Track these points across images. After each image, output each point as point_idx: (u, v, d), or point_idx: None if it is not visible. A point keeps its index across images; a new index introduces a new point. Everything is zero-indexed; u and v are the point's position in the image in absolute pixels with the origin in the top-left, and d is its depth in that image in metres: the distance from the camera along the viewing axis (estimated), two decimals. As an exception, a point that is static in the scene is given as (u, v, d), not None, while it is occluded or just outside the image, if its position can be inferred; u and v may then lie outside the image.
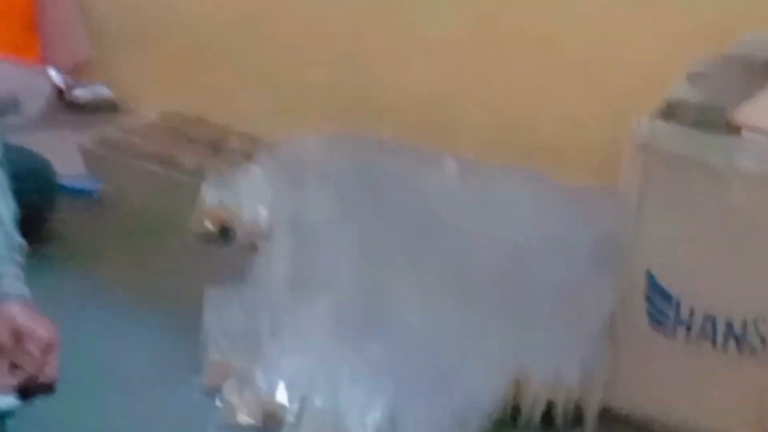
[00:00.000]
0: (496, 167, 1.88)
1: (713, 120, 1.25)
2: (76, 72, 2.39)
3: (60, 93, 2.34)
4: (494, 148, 2.00)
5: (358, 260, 1.56)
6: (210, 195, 1.82)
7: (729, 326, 1.23)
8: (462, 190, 1.84)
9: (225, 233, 1.80)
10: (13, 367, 1.16)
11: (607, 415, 1.32)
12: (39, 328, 1.19)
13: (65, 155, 2.05)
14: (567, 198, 1.73)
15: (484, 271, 1.55)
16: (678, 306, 1.24)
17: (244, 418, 1.31)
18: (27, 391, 1.16)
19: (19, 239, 1.27)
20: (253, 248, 1.77)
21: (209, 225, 1.80)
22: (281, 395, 1.31)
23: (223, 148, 2.22)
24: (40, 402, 1.18)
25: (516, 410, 1.32)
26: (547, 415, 1.32)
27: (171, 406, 1.36)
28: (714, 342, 1.22)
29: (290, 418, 1.28)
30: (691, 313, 1.23)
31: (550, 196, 1.74)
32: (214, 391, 1.37)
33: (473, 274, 1.55)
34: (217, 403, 1.34)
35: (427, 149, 1.98)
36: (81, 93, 2.42)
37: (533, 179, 1.81)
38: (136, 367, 1.44)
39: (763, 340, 1.22)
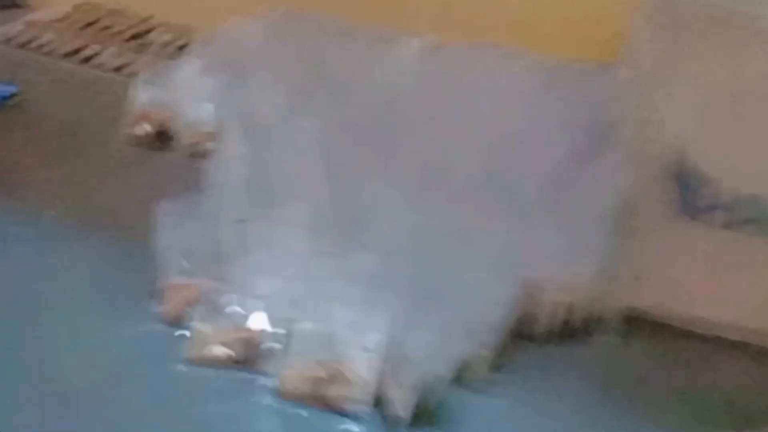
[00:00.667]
0: (464, 46, 1.69)
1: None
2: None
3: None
4: (458, 26, 1.81)
5: (322, 160, 1.36)
6: (142, 94, 1.58)
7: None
8: (427, 75, 1.64)
9: (163, 137, 1.56)
10: None
11: (632, 317, 1.17)
12: None
13: (-34, 57, 1.78)
14: (552, 76, 1.55)
15: (468, 164, 1.36)
16: (715, 187, 1.08)
17: (218, 349, 1.11)
18: None
19: None
20: (196, 153, 1.55)
21: (144, 128, 1.56)
22: (261, 320, 1.12)
23: (148, 41, 1.97)
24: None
25: (531, 319, 1.15)
26: (566, 323, 1.17)
27: (123, 340, 1.15)
28: (759, 226, 1.06)
29: (275, 345, 1.10)
30: (733, 195, 1.07)
31: (532, 75, 1.56)
32: (175, 321, 1.17)
33: (455, 169, 1.36)
34: (183, 333, 1.15)
35: (382, 29, 1.77)
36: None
37: (509, 56, 1.62)
38: (76, 298, 1.22)
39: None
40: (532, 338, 1.16)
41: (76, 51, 1.92)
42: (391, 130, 1.48)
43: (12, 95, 1.73)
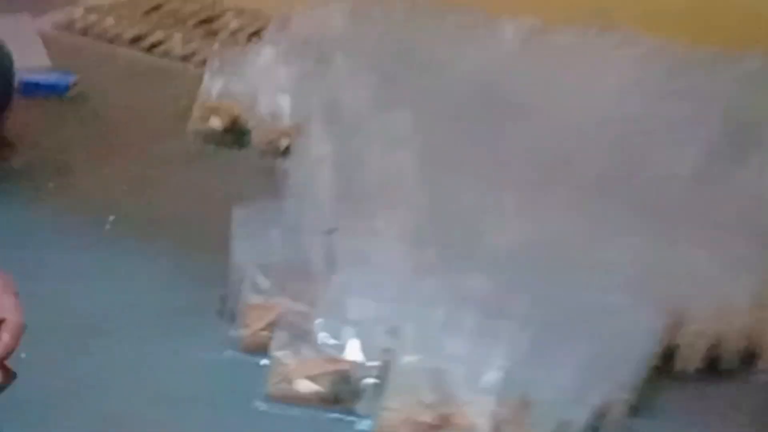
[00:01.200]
0: (570, 29, 1.50)
1: None
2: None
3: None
4: (560, 7, 1.62)
5: (418, 159, 1.19)
6: (214, 85, 1.42)
7: None
8: (531, 61, 1.46)
9: (237, 132, 1.41)
10: None
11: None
12: None
13: (24, 44, 1.64)
14: (675, 64, 1.35)
15: (587, 163, 1.18)
16: None
17: (304, 384, 0.95)
18: None
19: None
20: (273, 151, 1.39)
21: (216, 122, 1.40)
22: (354, 350, 0.95)
23: (217, 27, 1.82)
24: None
25: (674, 353, 0.97)
26: (716, 357, 0.98)
27: (192, 369, 1.00)
28: None
29: (370, 381, 0.93)
30: None
31: (652, 63, 1.37)
32: (253, 348, 1.01)
33: (572, 168, 1.18)
34: (262, 363, 0.99)
35: (474, 11, 1.59)
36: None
37: (624, 41, 1.43)
38: (140, 318, 1.06)
39: None
40: (676, 375, 0.97)
41: (140, 38, 1.77)
42: (493, 122, 1.30)
43: (71, 85, 1.60)
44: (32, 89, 1.56)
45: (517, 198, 1.10)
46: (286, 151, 1.32)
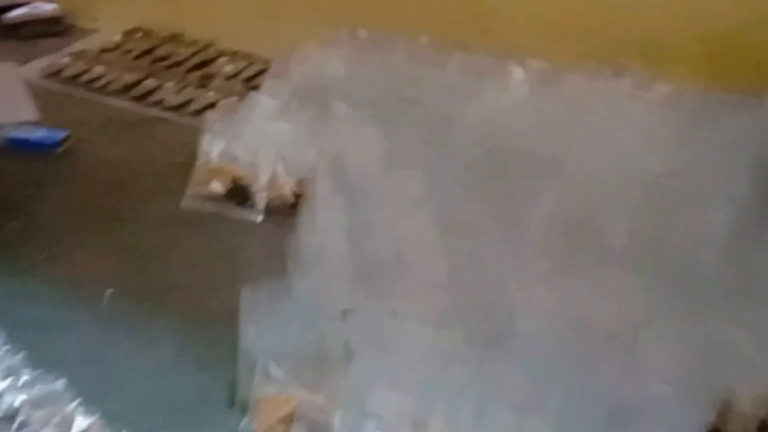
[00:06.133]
0: (581, 73, 1.44)
1: None
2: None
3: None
4: (569, 47, 1.56)
5: (435, 224, 1.12)
6: (214, 147, 1.35)
7: None
8: (542, 109, 1.39)
9: (239, 194, 1.33)
10: None
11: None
12: None
13: (10, 96, 1.56)
14: (696, 110, 1.29)
15: (612, 226, 1.12)
16: None
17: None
18: None
19: None
20: (279, 215, 1.32)
21: (217, 186, 1.33)
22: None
23: (211, 72, 1.75)
24: None
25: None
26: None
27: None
28: None
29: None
30: None
31: (671, 109, 1.30)
32: (267, 441, 0.95)
33: (596, 232, 1.11)
34: (277, 460, 0.93)
35: (477, 55, 1.53)
36: (18, 12, 1.92)
37: (639, 85, 1.37)
38: (143, 409, 0.99)
39: None
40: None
41: (131, 86, 1.70)
42: (508, 176, 1.24)
43: (61, 141, 1.52)
44: (20, 146, 1.49)
45: (542, 268, 1.03)
46: (293, 214, 1.25)
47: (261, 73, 1.64)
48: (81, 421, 0.92)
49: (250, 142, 1.34)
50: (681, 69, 1.42)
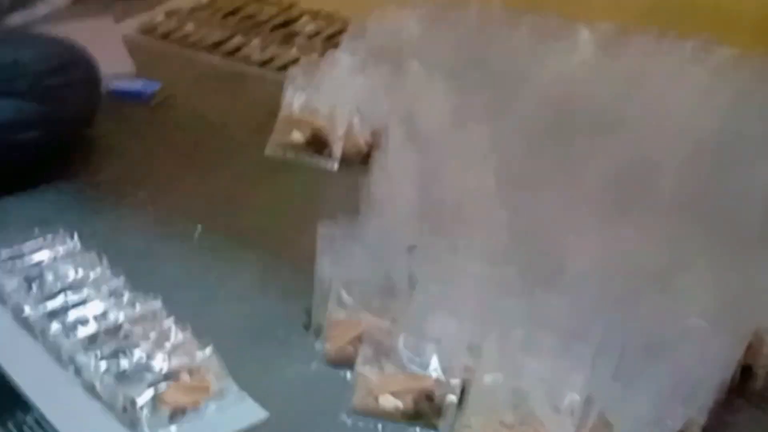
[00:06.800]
0: (647, 37, 1.50)
1: None
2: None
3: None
4: (636, 14, 1.62)
5: (498, 173, 1.21)
6: (295, 98, 1.46)
7: None
8: (608, 70, 1.46)
9: (317, 144, 1.44)
10: None
11: None
12: None
13: (109, 50, 1.70)
14: (758, 75, 1.34)
15: (666, 179, 1.19)
16: None
17: (387, 399, 0.99)
18: None
19: None
20: (354, 163, 1.42)
21: (298, 136, 1.44)
22: (436, 368, 0.99)
23: (294, 31, 1.86)
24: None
25: (748, 375, 0.98)
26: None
27: (278, 380, 1.04)
28: None
29: (450, 398, 0.97)
30: None
31: (734, 73, 1.36)
32: (338, 362, 1.05)
33: (651, 183, 1.19)
34: (347, 377, 1.03)
35: (548, 18, 1.60)
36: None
37: (703, 50, 1.43)
38: (228, 329, 1.10)
39: None
40: (749, 397, 0.99)
41: (220, 43, 1.82)
42: (570, 134, 1.32)
43: (155, 93, 1.65)
44: (118, 97, 1.62)
45: (595, 217, 1.12)
46: (366, 162, 1.35)
47: (340, 32, 1.75)
48: (175, 335, 1.04)
49: (328, 96, 1.44)
50: (744, 35, 1.47)
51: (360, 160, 1.39)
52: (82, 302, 1.09)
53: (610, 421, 0.90)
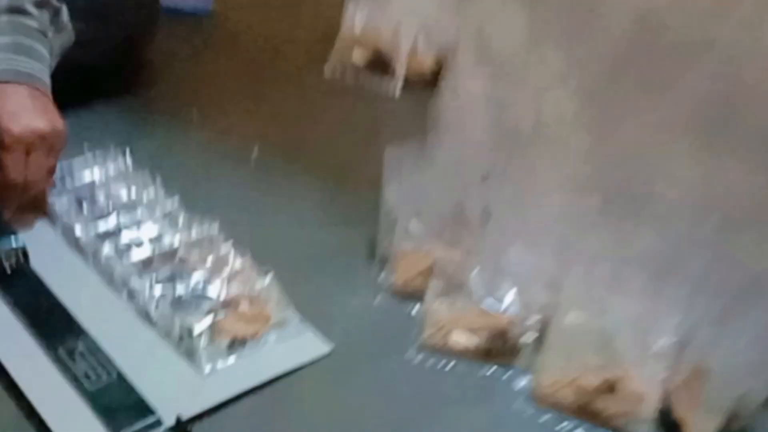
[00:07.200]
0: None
1: None
2: None
3: None
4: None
5: (577, 101, 1.12)
6: (357, 16, 1.37)
7: None
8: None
9: (380, 64, 1.36)
10: None
11: None
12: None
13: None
14: None
15: (758, 113, 1.10)
16: None
17: (460, 336, 0.93)
18: None
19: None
20: (420, 84, 1.34)
21: (359, 56, 1.36)
22: (512, 304, 0.92)
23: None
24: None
25: None
26: None
27: (341, 313, 0.97)
28: None
29: (529, 337, 0.90)
30: None
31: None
32: (406, 294, 0.99)
33: (745, 113, 1.10)
34: (414, 310, 0.97)
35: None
36: None
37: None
38: (290, 255, 1.03)
39: None
40: None
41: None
42: (657, 54, 1.22)
43: (211, 9, 1.57)
44: (172, 14, 1.55)
45: (685, 143, 1.03)
46: (431, 85, 1.27)
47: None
48: (234, 261, 0.98)
49: (392, 14, 1.35)
50: None
51: (425, 82, 1.31)
52: (136, 224, 1.04)
53: (707, 367, 0.83)
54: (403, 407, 0.88)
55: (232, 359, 0.90)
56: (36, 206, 1.03)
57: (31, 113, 0.98)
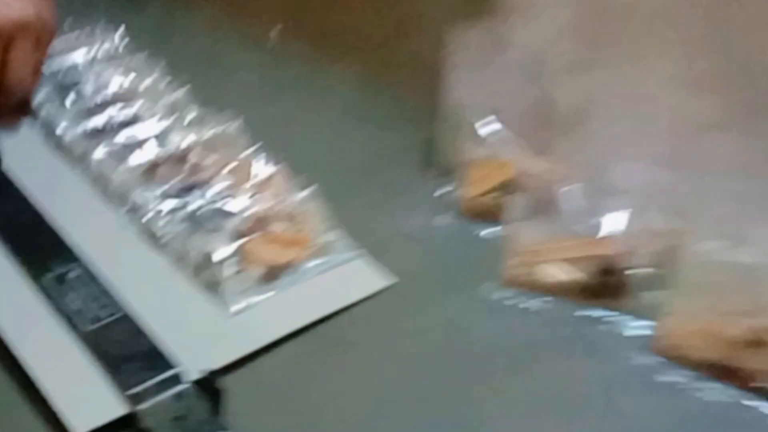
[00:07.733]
0: None
1: None
2: None
3: None
4: None
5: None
6: None
7: None
8: None
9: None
10: None
11: None
12: None
13: None
14: None
15: None
16: None
17: (549, 270, 0.72)
18: None
19: None
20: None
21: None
22: (619, 230, 0.73)
23: None
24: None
25: None
26: None
27: (397, 233, 0.78)
28: None
29: (647, 273, 0.71)
30: None
31: None
32: (476, 214, 0.79)
33: None
34: (484, 234, 0.77)
35: None
36: None
37: None
38: (328, 164, 0.83)
39: None
40: None
41: None
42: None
43: None
44: None
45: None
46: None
47: None
48: (262, 170, 0.78)
49: None
50: None
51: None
52: (135, 119, 0.83)
53: None
54: (481, 356, 0.69)
55: (264, 294, 0.71)
56: (20, 106, 0.82)
57: None
